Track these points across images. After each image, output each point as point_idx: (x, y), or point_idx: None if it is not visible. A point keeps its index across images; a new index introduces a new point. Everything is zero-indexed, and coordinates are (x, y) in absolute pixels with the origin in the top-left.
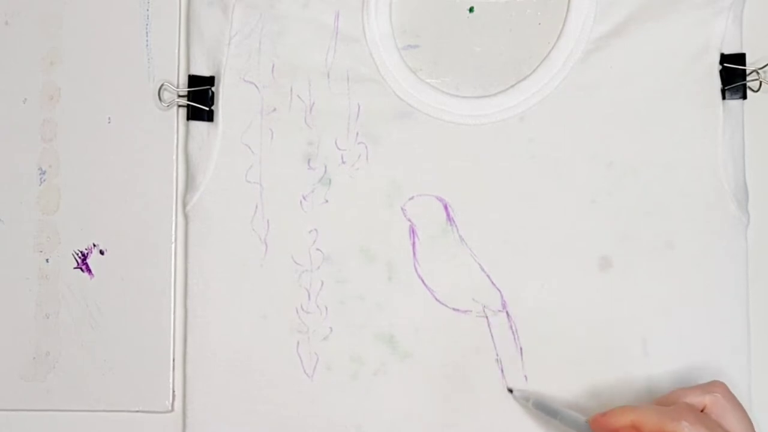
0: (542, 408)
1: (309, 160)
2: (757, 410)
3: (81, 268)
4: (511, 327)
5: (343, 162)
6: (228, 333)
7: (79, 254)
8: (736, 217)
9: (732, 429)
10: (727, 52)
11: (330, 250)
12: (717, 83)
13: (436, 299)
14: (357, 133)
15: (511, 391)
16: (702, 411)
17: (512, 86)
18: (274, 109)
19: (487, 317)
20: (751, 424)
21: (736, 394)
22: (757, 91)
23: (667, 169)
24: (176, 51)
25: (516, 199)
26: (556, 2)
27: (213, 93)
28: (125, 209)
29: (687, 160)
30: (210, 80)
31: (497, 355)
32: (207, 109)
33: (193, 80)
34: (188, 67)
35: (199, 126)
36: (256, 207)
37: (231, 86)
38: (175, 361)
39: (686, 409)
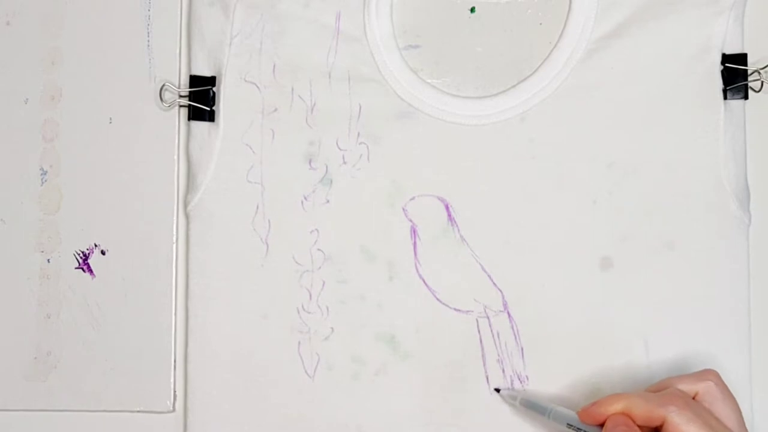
0: (530, 405)
1: (310, 160)
2: (757, 410)
3: (82, 268)
4: (512, 327)
5: (345, 162)
6: (229, 333)
7: (81, 254)
8: (738, 218)
9: (722, 417)
10: (728, 52)
11: (331, 251)
12: (718, 83)
13: (437, 299)
14: (358, 134)
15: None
16: (694, 398)
17: (513, 86)
18: (275, 109)
19: (488, 317)
20: (741, 413)
21: (736, 394)
22: (758, 91)
23: (668, 169)
24: (177, 51)
25: (517, 199)
26: (557, 2)
27: (214, 93)
28: (126, 209)
29: (688, 161)
30: (211, 80)
31: (498, 355)
32: (208, 109)
33: (195, 80)
34: (189, 68)
35: (200, 126)
36: (257, 207)
37: (232, 86)
38: (177, 361)
39: (675, 394)
